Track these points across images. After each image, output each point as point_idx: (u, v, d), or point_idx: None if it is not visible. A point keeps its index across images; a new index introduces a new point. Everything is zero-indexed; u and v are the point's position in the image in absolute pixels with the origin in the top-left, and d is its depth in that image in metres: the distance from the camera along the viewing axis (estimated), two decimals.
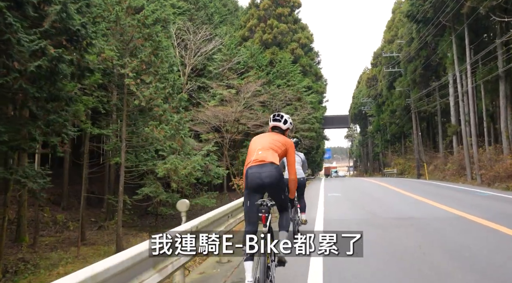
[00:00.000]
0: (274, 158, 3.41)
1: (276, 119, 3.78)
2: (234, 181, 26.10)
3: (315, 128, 28.28)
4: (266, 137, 3.64)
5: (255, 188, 3.33)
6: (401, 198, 12.31)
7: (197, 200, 22.80)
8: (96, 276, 2.25)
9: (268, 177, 3.28)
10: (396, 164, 43.91)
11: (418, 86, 32.16)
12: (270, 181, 3.29)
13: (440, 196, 12.49)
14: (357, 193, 14.96)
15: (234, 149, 27.89)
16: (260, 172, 3.30)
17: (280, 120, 3.75)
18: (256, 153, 3.43)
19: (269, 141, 3.55)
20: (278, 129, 3.74)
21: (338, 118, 41.41)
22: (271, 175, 3.29)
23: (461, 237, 6.05)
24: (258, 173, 3.30)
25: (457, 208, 8.98)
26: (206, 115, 25.94)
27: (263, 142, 3.57)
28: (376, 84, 50.61)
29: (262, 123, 25.72)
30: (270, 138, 3.60)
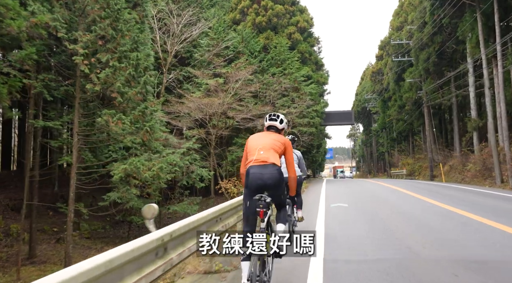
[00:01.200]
0: (276, 159, 3.44)
1: (273, 119, 3.78)
2: (221, 183, 22.60)
3: (315, 124, 24.72)
4: (266, 137, 3.61)
5: (255, 189, 3.32)
6: (435, 212, 8.72)
7: (176, 207, 19.26)
8: None
9: (270, 178, 3.31)
10: (404, 164, 40.31)
11: (432, 77, 28.56)
12: (272, 182, 3.32)
13: (490, 209, 8.93)
14: (369, 202, 11.37)
15: (222, 147, 24.35)
16: (262, 173, 3.32)
17: (276, 120, 3.76)
18: (258, 153, 3.43)
19: (269, 141, 3.55)
20: (274, 128, 3.76)
21: (341, 114, 37.83)
22: (273, 177, 3.33)
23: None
24: (260, 174, 3.31)
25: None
26: (188, 107, 22.44)
27: (264, 141, 3.54)
28: (382, 78, 46.99)
29: (253, 116, 22.19)
30: (270, 137, 3.60)
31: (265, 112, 23.61)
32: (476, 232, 6.15)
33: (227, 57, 24.26)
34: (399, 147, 49.08)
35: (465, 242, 5.45)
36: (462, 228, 6.58)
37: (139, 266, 2.62)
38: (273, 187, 3.32)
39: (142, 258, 2.66)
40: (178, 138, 23.15)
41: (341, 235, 6.10)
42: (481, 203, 10.34)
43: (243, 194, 3.49)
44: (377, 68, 48.99)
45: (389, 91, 43.72)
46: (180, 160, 18.48)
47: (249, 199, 3.33)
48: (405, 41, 30.44)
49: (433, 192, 14.71)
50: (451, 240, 5.58)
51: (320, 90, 28.31)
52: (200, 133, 22.88)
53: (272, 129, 3.75)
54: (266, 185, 3.29)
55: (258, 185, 3.29)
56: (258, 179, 3.28)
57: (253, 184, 3.30)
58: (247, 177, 3.38)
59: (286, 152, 3.61)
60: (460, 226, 6.74)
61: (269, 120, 3.78)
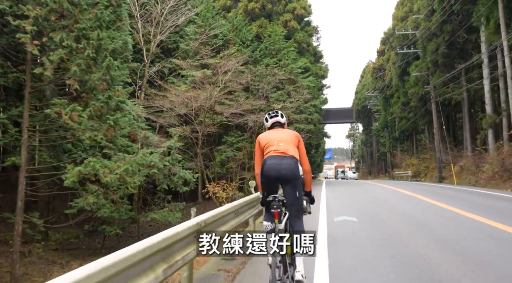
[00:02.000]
0: (295, 152, 3.37)
1: (273, 116, 3.70)
2: (208, 187, 20.18)
3: (313, 120, 22.34)
4: (281, 132, 3.54)
5: (272, 179, 3.26)
6: (482, 231, 6.31)
7: (155, 214, 16.82)
8: None
9: (286, 169, 3.22)
10: (408, 165, 37.95)
11: (440, 70, 26.21)
12: (288, 173, 3.22)
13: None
14: (385, 218, 8.95)
15: (209, 146, 21.93)
16: (279, 163, 3.24)
17: (277, 115, 3.70)
18: (277, 144, 3.36)
19: (287, 135, 3.49)
20: (279, 124, 3.66)
21: (341, 111, 35.46)
22: (290, 168, 3.23)
23: None
24: (277, 164, 3.24)
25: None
26: (172, 102, 20.03)
27: (281, 135, 3.47)
28: (384, 74, 44.69)
29: (244, 111, 19.78)
30: (286, 132, 3.55)
31: (258, 107, 21.25)
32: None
33: (216, 46, 21.86)
34: (401, 147, 46.77)
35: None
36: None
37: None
38: (289, 179, 3.23)
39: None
40: (162, 136, 20.74)
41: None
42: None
43: (260, 184, 3.41)
44: (378, 64, 46.67)
45: (391, 88, 41.40)
46: (159, 160, 16.14)
47: (266, 188, 3.31)
48: (411, 32, 28.06)
49: (455, 198, 12.30)
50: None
51: (319, 84, 25.91)
52: (185, 131, 20.48)
53: (277, 125, 3.66)
54: (282, 176, 3.22)
55: (274, 176, 3.22)
56: (275, 170, 3.22)
57: (269, 174, 3.23)
58: (263, 167, 3.30)
59: (299, 144, 3.52)
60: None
61: (271, 118, 3.69)
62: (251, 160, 22.34)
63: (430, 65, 26.40)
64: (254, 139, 22.14)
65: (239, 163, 21.72)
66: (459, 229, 6.64)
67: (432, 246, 5.29)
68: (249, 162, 22.15)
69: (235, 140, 21.63)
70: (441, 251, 4.95)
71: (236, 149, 21.90)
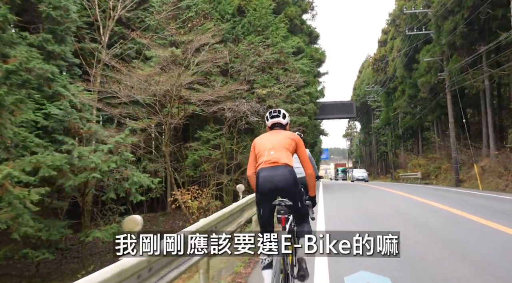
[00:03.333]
0: (288, 158, 3.09)
1: (274, 116, 3.40)
2: (176, 194, 16.09)
3: (308, 112, 18.26)
4: (275, 136, 3.26)
5: (267, 194, 2.99)
6: None
7: (99, 232, 12.73)
8: None
9: (282, 180, 2.95)
10: (414, 165, 33.96)
11: (459, 53, 22.20)
12: (284, 185, 2.95)
13: None
14: (445, 267, 4.74)
15: (179, 143, 17.78)
16: (273, 175, 2.98)
17: (279, 116, 3.39)
18: (268, 153, 3.09)
19: (279, 139, 3.19)
20: (279, 125, 3.38)
21: (340, 106, 31.37)
22: (285, 179, 2.96)
23: None
24: (270, 176, 2.98)
25: None
26: (129, 88, 15.97)
27: (273, 140, 3.19)
28: (386, 65, 40.72)
29: (220, 98, 15.69)
30: (278, 136, 3.24)
31: (238, 94, 17.17)
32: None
33: (188, 20, 17.71)
34: (405, 146, 42.83)
35: None
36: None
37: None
38: (286, 190, 2.97)
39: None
40: (119, 130, 16.56)
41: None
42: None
43: (256, 199, 3.22)
44: (379, 55, 42.71)
45: (395, 80, 37.43)
46: (103, 161, 12.02)
47: (261, 205, 3.09)
48: (422, 10, 24.02)
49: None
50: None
51: (315, 69, 21.79)
52: (147, 125, 16.33)
53: (277, 127, 3.38)
54: (278, 188, 2.96)
55: (269, 188, 2.98)
56: (268, 182, 2.96)
57: (264, 188, 2.99)
58: (257, 181, 3.04)
59: (298, 148, 3.28)
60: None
61: (271, 118, 3.40)
62: (231, 161, 18.23)
63: (446, 48, 22.38)
64: (234, 134, 18.11)
65: (216, 163, 17.58)
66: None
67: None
68: (229, 162, 18.02)
69: (211, 136, 17.48)
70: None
71: (212, 147, 17.76)
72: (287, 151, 3.12)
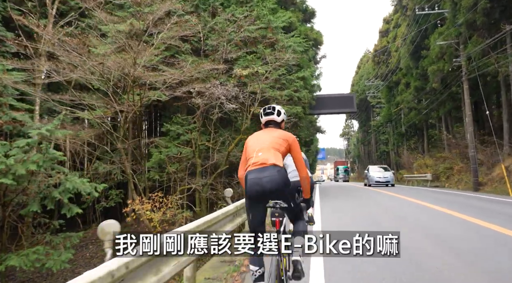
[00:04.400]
0: (277, 158, 2.91)
1: (268, 113, 3.22)
2: (133, 203, 12.79)
3: (301, 100, 14.89)
4: (264, 135, 3.12)
5: (255, 197, 2.83)
6: None
7: (13, 259, 9.19)
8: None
9: (269, 182, 2.78)
10: (420, 166, 30.70)
11: (479, 34, 18.90)
12: (272, 186, 2.78)
13: None
14: None
15: (138, 139, 14.34)
16: (260, 177, 2.80)
17: (273, 113, 3.21)
18: (256, 155, 2.94)
19: (268, 139, 3.04)
20: (273, 123, 3.22)
21: (338, 99, 27.99)
22: (273, 180, 2.79)
23: None
24: (258, 178, 2.81)
25: None
26: (72, 68, 12.61)
27: (262, 140, 3.05)
28: (388, 57, 37.46)
29: (187, 79, 12.31)
30: (269, 135, 3.09)
31: (214, 75, 13.79)
32: None
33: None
34: (408, 144, 39.59)
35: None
36: None
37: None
38: (275, 192, 2.78)
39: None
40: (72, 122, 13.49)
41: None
42: None
43: (245, 205, 3.04)
44: (381, 46, 39.42)
45: (398, 72, 34.16)
46: (18, 162, 8.86)
47: (251, 210, 2.91)
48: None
49: None
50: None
51: (311, 52, 18.40)
52: (99, 116, 12.96)
53: (271, 125, 3.22)
54: (265, 190, 2.78)
55: (257, 191, 2.80)
56: (256, 185, 2.80)
57: (251, 191, 2.83)
58: (246, 184, 2.89)
59: (292, 149, 3.08)
60: None
61: (265, 115, 3.24)
62: (206, 160, 14.86)
63: (463, 28, 19.06)
64: (210, 128, 14.75)
65: (187, 164, 14.19)
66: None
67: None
68: (203, 163, 14.63)
69: (182, 129, 14.07)
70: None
71: (183, 144, 14.38)
72: (276, 151, 2.96)
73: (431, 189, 21.64)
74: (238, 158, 15.01)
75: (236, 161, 15.18)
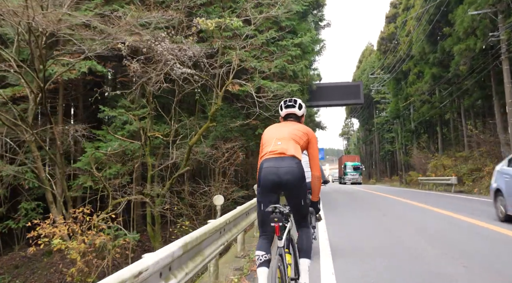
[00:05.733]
0: (297, 151, 2.78)
1: (290, 105, 3.10)
2: (43, 226, 8.46)
3: (297, 74, 10.67)
4: (285, 126, 3.00)
5: (270, 187, 2.70)
6: None
7: None
8: None
9: (287, 173, 2.66)
10: (436, 167, 26.55)
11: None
12: (290, 178, 2.66)
13: None
14: None
15: (64, 124, 10.05)
16: (277, 167, 2.68)
17: (295, 106, 3.09)
18: (275, 143, 2.80)
19: (289, 130, 2.92)
20: (293, 116, 3.10)
21: (342, 88, 23.74)
22: (291, 171, 2.66)
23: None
24: (275, 168, 2.68)
25: None
26: None
27: (282, 131, 2.92)
28: (397, 45, 33.34)
29: (134, 28, 8.08)
30: (290, 127, 2.97)
31: (167, 22, 9.49)
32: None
33: None
34: (417, 143, 35.44)
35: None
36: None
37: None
38: (291, 185, 2.69)
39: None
40: None
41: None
42: None
43: (257, 194, 2.92)
44: (388, 33, 35.28)
45: (408, 61, 30.03)
46: None
47: (262, 199, 2.75)
48: None
49: None
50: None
51: (313, 18, 14.15)
52: None
53: (291, 118, 3.10)
54: (282, 181, 2.66)
55: (273, 181, 2.67)
56: (273, 174, 2.66)
57: (267, 180, 2.69)
58: (260, 173, 2.76)
59: (310, 145, 2.97)
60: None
61: (286, 108, 3.12)
62: (166, 158, 10.66)
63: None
64: (163, 112, 10.41)
65: (135, 164, 9.96)
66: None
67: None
68: (162, 162, 10.42)
69: (126, 116, 9.81)
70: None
71: (132, 135, 10.14)
72: (296, 143, 2.83)
73: (458, 196, 17.43)
74: (208, 157, 10.81)
75: (205, 161, 10.89)
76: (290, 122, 3.05)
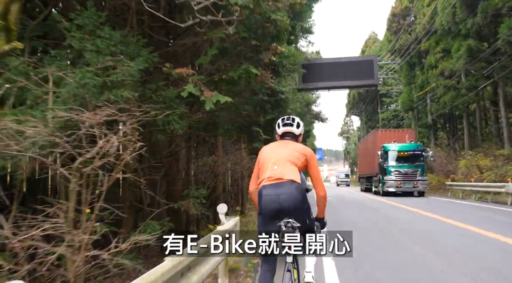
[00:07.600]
0: (294, 174, 2.76)
1: (287, 124, 3.05)
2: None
3: (276, 24, 5.00)
4: (281, 147, 2.95)
5: (272, 214, 2.65)
6: None
7: None
8: None
9: (288, 200, 2.63)
10: (468, 168, 20.96)
11: None
12: (291, 205, 2.63)
13: None
14: None
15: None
16: (277, 194, 2.66)
17: (292, 124, 3.05)
18: (271, 168, 2.77)
19: (286, 152, 2.87)
20: (291, 135, 3.05)
21: (352, 66, 18.03)
22: (291, 198, 2.65)
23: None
24: (275, 196, 2.65)
25: None
26: None
27: (278, 153, 2.86)
28: (411, 24, 27.81)
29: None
30: (286, 148, 2.92)
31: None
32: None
33: None
34: (435, 139, 29.88)
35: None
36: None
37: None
38: (293, 211, 2.63)
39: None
40: None
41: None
42: None
43: (257, 221, 2.84)
44: (400, 9, 29.68)
45: (429, 38, 24.44)
46: None
47: (264, 228, 2.65)
48: None
49: None
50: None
51: None
52: None
53: (288, 136, 3.05)
54: (283, 208, 2.63)
55: (274, 209, 2.64)
56: (273, 202, 2.64)
57: (268, 208, 2.66)
58: (260, 201, 2.72)
59: (309, 165, 2.93)
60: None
61: (283, 126, 3.06)
62: None
63: None
64: None
65: None
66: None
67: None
68: None
69: None
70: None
71: None
72: (293, 165, 2.80)
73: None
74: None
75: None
76: (286, 141, 2.98)
